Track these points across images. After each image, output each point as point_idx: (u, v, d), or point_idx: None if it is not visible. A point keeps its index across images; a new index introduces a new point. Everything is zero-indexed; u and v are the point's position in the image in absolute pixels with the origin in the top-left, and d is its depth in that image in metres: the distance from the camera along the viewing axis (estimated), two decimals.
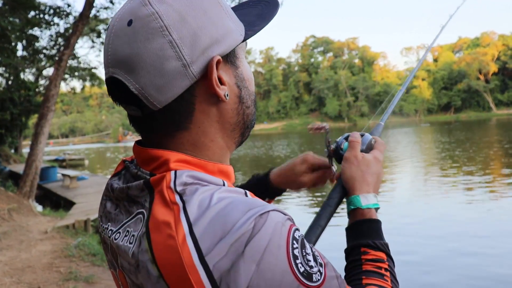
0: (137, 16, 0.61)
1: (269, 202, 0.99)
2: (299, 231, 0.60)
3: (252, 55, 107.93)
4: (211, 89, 0.64)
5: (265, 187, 1.04)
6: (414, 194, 11.87)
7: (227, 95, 0.66)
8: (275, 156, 26.28)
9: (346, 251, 0.83)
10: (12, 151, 26.68)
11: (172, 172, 0.61)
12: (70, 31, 13.37)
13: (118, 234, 0.66)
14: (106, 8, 14.51)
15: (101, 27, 17.49)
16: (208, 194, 0.58)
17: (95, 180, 16.44)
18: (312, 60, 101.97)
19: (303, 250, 0.58)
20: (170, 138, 0.66)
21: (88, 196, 12.30)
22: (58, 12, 14.64)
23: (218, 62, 0.63)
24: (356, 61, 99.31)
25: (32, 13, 14.42)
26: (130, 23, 0.61)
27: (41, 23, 14.97)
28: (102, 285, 5.22)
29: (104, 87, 27.37)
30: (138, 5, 0.61)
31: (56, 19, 15.20)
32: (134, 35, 0.60)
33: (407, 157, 20.87)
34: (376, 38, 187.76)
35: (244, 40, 0.67)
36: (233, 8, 0.73)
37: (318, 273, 0.59)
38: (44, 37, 17.34)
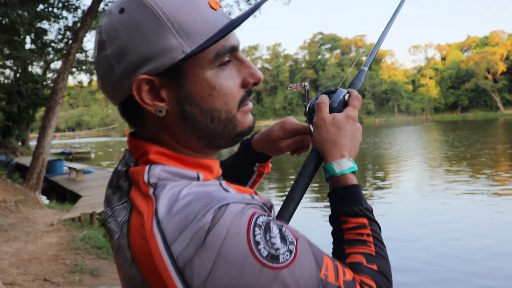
0: (100, 25, 0.69)
1: (260, 166, 1.03)
2: (264, 216, 0.63)
3: (259, 51, 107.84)
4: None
5: (250, 152, 1.03)
6: (417, 193, 11.85)
7: (161, 111, 0.67)
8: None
9: (329, 220, 0.82)
10: (19, 143, 26.86)
11: (147, 167, 0.67)
12: (79, 25, 13.41)
13: (111, 219, 0.72)
14: (114, 1, 14.55)
15: None
16: (177, 190, 0.63)
17: (101, 173, 16.51)
18: (319, 57, 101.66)
19: (267, 235, 0.61)
20: (145, 130, 0.72)
21: (94, 190, 12.36)
22: (66, 5, 14.68)
23: (149, 80, 0.65)
24: (363, 58, 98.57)
25: (41, 6, 14.45)
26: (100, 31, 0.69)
27: (49, 17, 14.99)
28: (107, 277, 5.26)
29: None
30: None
31: (64, 13, 15.24)
32: (96, 43, 0.69)
33: (404, 155, 20.81)
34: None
35: (188, 57, 0.64)
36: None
37: (287, 252, 0.61)
38: (52, 30, 17.50)
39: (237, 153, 1.06)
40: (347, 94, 0.91)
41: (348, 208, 0.78)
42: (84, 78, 74.61)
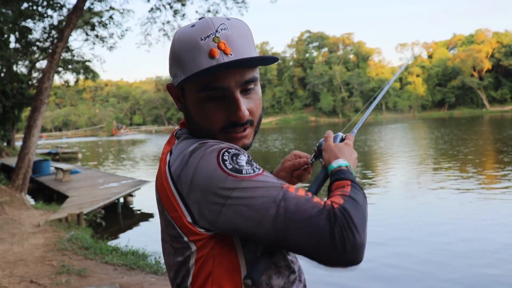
0: None
1: None
2: (237, 151, 0.89)
3: None
4: None
5: None
6: (405, 188, 11.94)
7: (179, 109, 1.10)
8: (269, 151, 26.30)
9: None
10: (5, 144, 26.48)
11: (179, 128, 1.07)
12: (64, 23, 13.26)
13: None
14: (100, 0, 14.42)
15: (95, 19, 17.37)
16: (186, 136, 1.01)
17: (88, 173, 16.37)
18: (307, 55, 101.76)
19: (234, 157, 0.87)
20: None
21: (81, 190, 12.26)
22: (51, 4, 14.50)
23: (170, 86, 1.07)
24: (351, 56, 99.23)
25: (25, 4, 14.26)
26: None
27: (34, 15, 14.81)
28: (94, 278, 5.21)
29: (98, 80, 27.33)
30: None
31: (49, 11, 15.06)
32: None
33: (391, 152, 20.97)
34: (371, 33, 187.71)
35: (181, 83, 0.95)
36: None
37: (250, 169, 0.86)
38: (37, 29, 17.18)
39: None
40: (344, 136, 1.23)
41: (337, 177, 0.97)
42: (70, 77, 73.80)
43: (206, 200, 0.84)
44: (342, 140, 1.21)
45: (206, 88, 0.93)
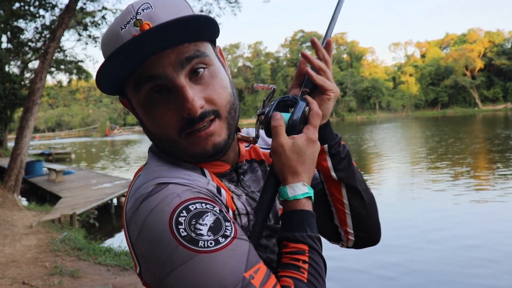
0: None
1: None
2: (203, 205, 0.69)
3: (241, 49, 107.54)
4: None
5: None
6: (398, 188, 12.00)
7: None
8: None
9: (276, 244, 0.81)
10: None
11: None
12: (56, 23, 13.19)
13: None
14: (92, 0, 14.35)
15: (87, 19, 17.29)
16: (154, 163, 0.81)
17: (81, 174, 16.31)
18: (301, 54, 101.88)
19: (193, 220, 0.67)
20: None
21: (74, 191, 12.21)
22: (43, 4, 14.41)
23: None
24: (345, 56, 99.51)
25: (17, 4, 14.18)
26: None
27: (26, 15, 14.72)
28: (87, 279, 5.20)
29: (91, 80, 27.15)
30: None
31: (41, 11, 14.97)
32: None
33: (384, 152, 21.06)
34: (364, 33, 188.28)
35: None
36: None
37: (212, 241, 0.66)
38: (29, 29, 17.12)
39: None
40: (307, 108, 0.86)
41: (290, 233, 0.76)
42: (63, 77, 73.43)
43: (151, 262, 0.69)
44: (305, 118, 0.85)
45: (139, 83, 0.74)
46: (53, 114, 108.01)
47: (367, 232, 0.99)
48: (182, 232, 0.66)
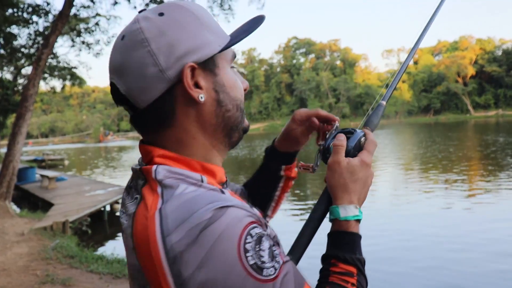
0: (128, 31, 0.74)
1: (286, 169, 1.10)
2: (259, 228, 0.66)
3: None
4: (187, 92, 0.73)
5: (275, 155, 1.10)
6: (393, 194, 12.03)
7: (202, 97, 0.74)
8: (257, 157, 26.30)
9: (321, 258, 0.84)
10: None
11: (155, 166, 0.72)
12: (50, 30, 13.17)
13: (123, 214, 0.77)
14: (86, 7, 14.35)
15: (81, 26, 17.26)
16: (184, 186, 0.69)
17: (74, 181, 16.22)
18: (294, 61, 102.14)
19: (257, 246, 0.64)
20: (158, 135, 0.77)
21: (66, 197, 12.14)
22: (37, 10, 14.38)
23: (193, 68, 0.73)
24: (338, 62, 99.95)
25: (10, 10, 14.13)
26: (123, 37, 0.75)
27: (19, 21, 14.67)
28: (79, 287, 5.17)
29: (85, 86, 27.14)
30: (131, 23, 0.75)
31: (35, 18, 14.93)
32: (124, 47, 0.74)
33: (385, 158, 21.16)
34: (357, 40, 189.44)
35: (222, 50, 0.76)
36: (236, 29, 0.84)
37: (272, 268, 0.65)
38: (22, 35, 17.00)
39: (261, 165, 1.12)
40: (364, 137, 0.93)
41: (341, 253, 0.80)
42: (56, 83, 73.11)
43: None
44: (360, 146, 0.92)
45: (233, 56, 0.83)
46: (47, 120, 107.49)
47: None
48: (250, 260, 0.64)
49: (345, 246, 0.81)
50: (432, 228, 8.23)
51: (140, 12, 0.77)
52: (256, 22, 0.82)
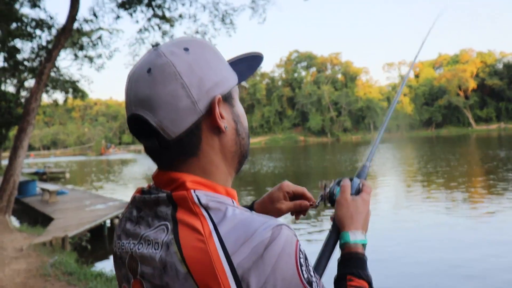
0: (155, 65, 0.76)
1: None
2: (300, 244, 0.73)
3: None
4: (214, 122, 0.78)
5: None
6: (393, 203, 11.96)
7: (226, 127, 0.80)
8: (258, 171, 26.25)
9: (334, 279, 0.92)
10: None
11: (193, 191, 0.75)
12: (53, 44, 13.24)
13: (141, 245, 0.77)
14: (89, 21, 14.45)
15: (84, 40, 17.37)
16: (230, 208, 0.73)
17: (75, 195, 16.17)
18: (296, 75, 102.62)
19: (306, 262, 0.73)
20: (182, 164, 0.79)
21: (67, 212, 12.08)
22: (40, 24, 14.49)
23: (219, 100, 0.78)
24: (339, 76, 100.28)
25: (14, 24, 14.24)
26: (149, 71, 0.76)
27: (23, 35, 14.78)
28: None
29: (87, 99, 27.31)
30: (155, 57, 0.77)
31: (38, 32, 15.04)
32: (153, 80, 0.75)
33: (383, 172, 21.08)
34: (358, 53, 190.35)
35: (238, 83, 0.84)
36: (235, 61, 0.90)
37: (316, 282, 0.73)
38: (25, 49, 17.13)
39: None
40: (361, 184, 1.09)
41: (355, 269, 0.90)
42: (59, 96, 73.48)
43: None
44: (359, 190, 1.08)
45: (238, 90, 0.89)
46: (49, 132, 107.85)
47: None
48: (304, 273, 0.71)
49: (358, 264, 0.91)
50: (435, 246, 8.15)
51: (154, 46, 0.81)
52: (257, 60, 0.89)
